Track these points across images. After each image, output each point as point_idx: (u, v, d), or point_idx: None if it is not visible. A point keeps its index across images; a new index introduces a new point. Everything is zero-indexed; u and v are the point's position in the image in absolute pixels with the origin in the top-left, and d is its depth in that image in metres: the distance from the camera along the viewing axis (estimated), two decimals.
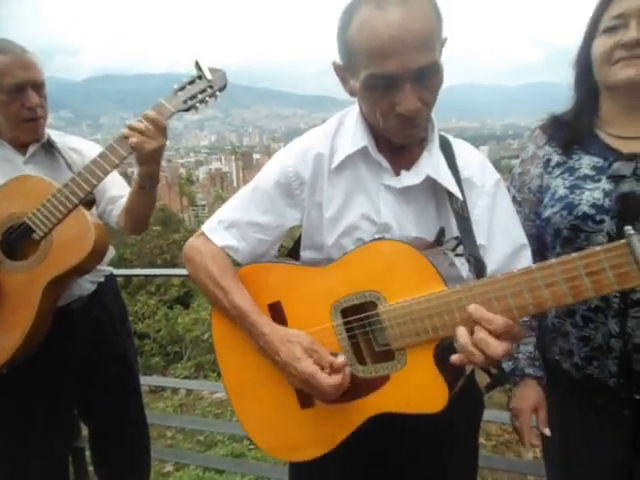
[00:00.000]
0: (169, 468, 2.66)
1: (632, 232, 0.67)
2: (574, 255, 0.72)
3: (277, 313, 0.98)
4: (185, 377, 5.00)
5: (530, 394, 1.12)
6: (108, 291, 1.62)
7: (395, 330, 0.87)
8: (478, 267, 0.91)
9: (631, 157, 0.99)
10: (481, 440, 2.80)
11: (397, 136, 0.92)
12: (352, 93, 0.95)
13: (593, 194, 0.99)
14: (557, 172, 1.07)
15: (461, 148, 1.02)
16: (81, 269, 1.34)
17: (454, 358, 0.79)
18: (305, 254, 1.05)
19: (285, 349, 0.90)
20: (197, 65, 1.28)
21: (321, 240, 1.00)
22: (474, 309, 0.77)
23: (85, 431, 1.97)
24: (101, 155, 1.30)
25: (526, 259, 0.98)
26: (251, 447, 2.87)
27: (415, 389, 0.87)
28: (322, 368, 0.88)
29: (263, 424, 1.01)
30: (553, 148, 1.10)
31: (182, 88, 1.30)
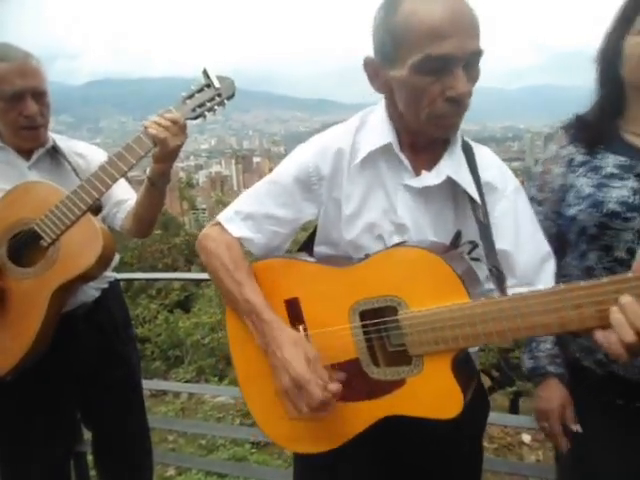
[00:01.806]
0: (171, 472, 2.67)
1: None
2: (605, 279, 0.72)
3: (294, 309, 0.98)
4: (186, 381, 5.00)
5: (554, 394, 1.11)
6: (112, 297, 1.63)
7: (415, 337, 0.87)
8: (500, 278, 0.91)
9: None
10: (484, 443, 2.80)
11: (439, 127, 0.91)
12: (384, 88, 0.95)
13: (621, 192, 1.00)
14: (581, 171, 1.08)
15: (482, 152, 1.03)
16: (88, 276, 1.34)
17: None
18: (320, 249, 1.06)
19: (291, 348, 0.90)
20: (205, 73, 1.28)
21: (337, 236, 1.01)
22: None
23: (87, 435, 1.98)
24: (109, 162, 1.31)
25: (551, 267, 0.99)
26: (253, 451, 2.88)
27: (430, 395, 0.88)
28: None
29: (273, 413, 1.01)
30: (576, 148, 1.10)
31: (190, 96, 1.30)
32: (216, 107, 1.31)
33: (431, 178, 0.95)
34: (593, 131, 1.08)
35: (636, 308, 0.69)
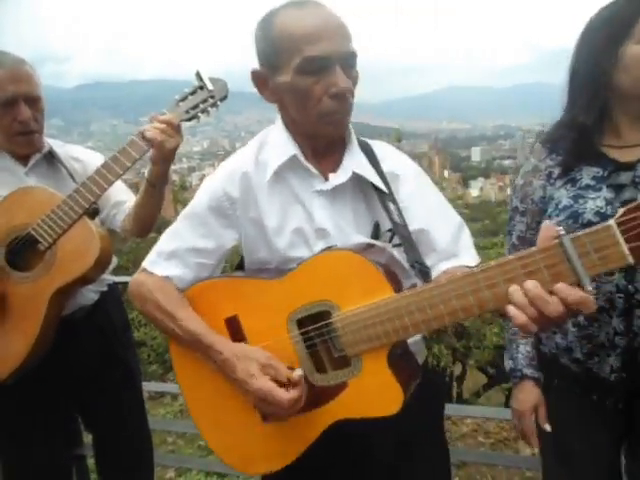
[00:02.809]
0: (171, 474, 2.67)
1: (563, 232, 0.70)
2: (511, 257, 0.74)
3: (234, 327, 0.99)
4: None
5: (529, 396, 1.17)
6: (111, 300, 1.64)
7: (349, 337, 0.89)
8: (423, 272, 0.95)
9: (629, 166, 1.04)
10: (480, 438, 2.83)
11: (329, 124, 0.96)
12: (274, 97, 1.00)
13: (596, 203, 1.04)
14: (559, 183, 1.11)
15: (379, 146, 1.09)
16: (86, 279, 1.36)
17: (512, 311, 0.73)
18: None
19: (242, 366, 0.92)
20: (198, 75, 1.29)
21: (265, 254, 1.03)
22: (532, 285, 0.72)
23: (86, 439, 1.98)
24: (104, 165, 1.32)
25: (467, 234, 1.04)
26: None
27: (372, 394, 0.90)
28: (280, 384, 0.90)
29: (227, 441, 1.03)
30: (554, 161, 1.13)
31: (184, 98, 1.31)
32: (209, 109, 1.33)
33: (338, 178, 1.00)
34: (574, 152, 1.09)
35: (538, 291, 0.71)
